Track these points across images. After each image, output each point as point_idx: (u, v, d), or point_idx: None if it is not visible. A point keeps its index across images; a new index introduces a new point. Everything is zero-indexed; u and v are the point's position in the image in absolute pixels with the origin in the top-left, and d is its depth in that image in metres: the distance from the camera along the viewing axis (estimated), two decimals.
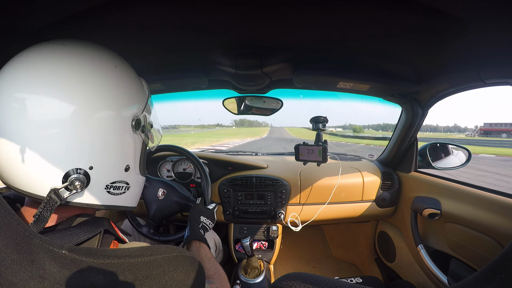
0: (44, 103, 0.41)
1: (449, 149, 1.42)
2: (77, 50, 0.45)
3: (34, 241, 0.34)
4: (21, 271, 0.32)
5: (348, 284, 0.34)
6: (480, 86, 0.92)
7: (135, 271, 0.38)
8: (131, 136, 0.51)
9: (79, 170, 0.44)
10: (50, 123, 0.41)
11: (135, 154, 0.54)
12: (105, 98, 0.45)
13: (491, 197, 0.96)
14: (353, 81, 1.06)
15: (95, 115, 0.44)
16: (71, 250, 0.36)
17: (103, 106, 0.45)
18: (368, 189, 1.47)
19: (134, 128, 0.51)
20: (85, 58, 0.45)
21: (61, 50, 0.44)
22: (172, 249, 0.45)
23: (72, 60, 0.44)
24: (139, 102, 0.53)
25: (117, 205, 0.52)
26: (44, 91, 0.41)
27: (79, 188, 0.44)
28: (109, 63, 0.48)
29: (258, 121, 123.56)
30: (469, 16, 0.61)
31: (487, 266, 0.27)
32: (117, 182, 0.50)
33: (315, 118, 1.26)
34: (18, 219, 0.35)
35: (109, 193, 0.49)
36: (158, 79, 1.12)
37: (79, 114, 0.42)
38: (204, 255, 0.84)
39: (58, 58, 0.43)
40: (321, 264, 1.96)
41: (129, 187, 0.54)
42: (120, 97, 0.48)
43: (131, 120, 0.50)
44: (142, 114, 0.53)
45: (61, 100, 0.41)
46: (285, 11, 0.67)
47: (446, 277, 1.06)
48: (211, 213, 1.02)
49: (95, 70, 0.45)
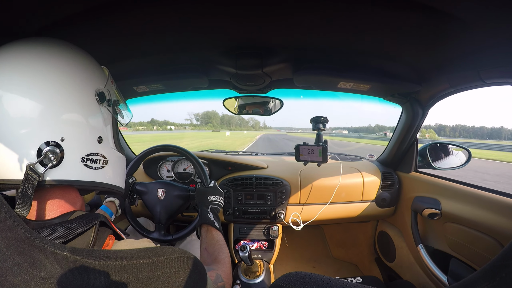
0: (4, 81, 0.42)
1: (449, 149, 1.42)
2: (37, 42, 0.48)
3: (35, 243, 0.34)
4: (22, 273, 0.32)
5: (348, 284, 0.34)
6: (480, 86, 0.92)
7: (137, 272, 0.38)
8: (97, 109, 0.52)
9: (51, 142, 0.44)
10: (14, 102, 0.42)
11: (106, 127, 0.56)
12: (67, 75, 0.47)
13: (491, 197, 0.96)
14: (353, 81, 1.06)
15: (57, 90, 0.46)
16: (72, 252, 0.36)
17: (64, 82, 0.47)
18: (368, 189, 1.47)
19: (99, 101, 0.52)
20: (46, 45, 0.48)
21: (16, 43, 0.47)
22: (174, 250, 0.45)
23: (37, 46, 0.47)
24: (101, 79, 0.55)
25: (99, 182, 0.52)
26: (6, 67, 0.43)
27: (54, 159, 0.44)
28: (66, 46, 0.51)
29: (245, 120, 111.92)
30: (469, 16, 0.61)
31: (487, 265, 0.27)
32: (93, 154, 0.51)
33: (315, 118, 1.26)
34: (19, 220, 0.35)
35: (87, 166, 0.50)
36: (158, 79, 1.13)
37: (41, 92, 0.44)
38: (210, 238, 0.84)
39: (22, 49, 0.46)
40: (321, 263, 1.96)
41: (107, 161, 0.54)
42: (80, 72, 0.50)
43: (94, 94, 0.52)
44: (105, 88, 0.54)
45: (23, 79, 0.43)
46: (286, 11, 0.67)
47: (446, 276, 1.06)
48: (214, 189, 1.02)
49: (54, 51, 0.48)
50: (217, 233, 0.87)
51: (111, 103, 0.57)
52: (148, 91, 1.24)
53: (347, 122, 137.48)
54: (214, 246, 0.82)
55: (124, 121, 0.65)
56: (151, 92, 1.28)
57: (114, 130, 0.59)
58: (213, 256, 0.78)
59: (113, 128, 0.59)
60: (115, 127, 0.60)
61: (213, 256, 0.78)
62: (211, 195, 0.99)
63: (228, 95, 1.36)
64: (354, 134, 71.57)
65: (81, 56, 0.53)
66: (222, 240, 0.85)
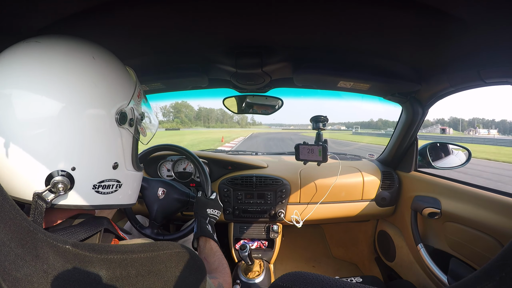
0: (16, 103, 0.39)
1: (449, 149, 1.42)
2: (50, 47, 0.43)
3: (38, 236, 0.34)
4: (25, 266, 0.32)
5: (348, 283, 0.34)
6: (480, 85, 0.92)
7: (137, 266, 0.39)
8: (115, 132, 0.48)
9: (61, 172, 0.42)
10: (23, 124, 0.40)
11: (124, 150, 0.51)
12: (82, 95, 0.43)
13: (491, 196, 0.96)
14: (353, 80, 1.06)
15: (71, 114, 0.42)
16: (75, 245, 0.36)
17: (80, 104, 0.43)
18: (368, 188, 1.47)
19: (119, 122, 0.48)
20: (59, 55, 0.43)
21: (34, 47, 0.42)
22: (174, 245, 0.45)
23: (44, 57, 0.42)
24: (124, 94, 0.50)
25: (110, 204, 0.51)
26: (17, 91, 0.40)
27: (62, 190, 0.42)
28: (86, 55, 0.45)
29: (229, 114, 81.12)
30: (469, 15, 0.61)
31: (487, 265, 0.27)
32: (106, 181, 0.48)
33: (315, 117, 1.26)
34: (23, 214, 0.35)
35: (98, 192, 0.48)
36: (158, 78, 1.12)
37: (54, 114, 0.41)
38: (209, 249, 0.85)
39: (30, 56, 0.42)
40: (321, 263, 1.96)
41: (121, 184, 0.51)
42: (99, 92, 0.45)
43: (114, 115, 0.47)
44: (128, 106, 0.50)
45: (34, 100, 0.40)
46: (286, 10, 0.67)
47: (446, 276, 1.06)
48: (215, 202, 1.02)
49: (69, 65, 0.43)
50: (215, 245, 0.87)
51: (134, 122, 0.51)
52: (148, 90, 1.24)
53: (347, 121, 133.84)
54: (214, 256, 0.82)
55: (147, 139, 0.59)
56: (151, 91, 1.28)
57: (134, 150, 0.55)
58: (213, 266, 0.78)
59: (133, 148, 0.55)
60: (135, 147, 0.55)
61: (213, 266, 0.78)
62: (210, 208, 0.98)
63: (228, 94, 1.36)
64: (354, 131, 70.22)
65: (106, 63, 0.47)
66: (220, 252, 0.85)
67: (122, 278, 0.37)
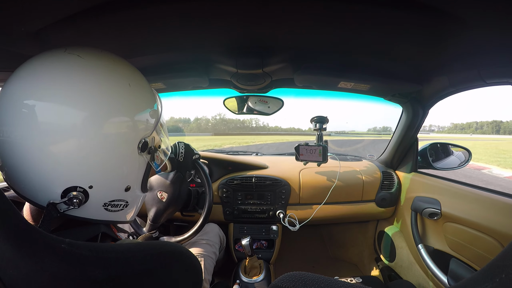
0: (53, 113, 0.40)
1: (450, 150, 1.42)
2: (94, 64, 0.45)
3: (33, 235, 0.35)
4: (21, 265, 0.33)
5: (348, 284, 0.34)
6: (481, 85, 0.92)
7: (133, 265, 0.39)
8: (135, 158, 0.51)
9: (79, 188, 0.44)
10: (56, 135, 0.41)
11: (138, 175, 0.54)
12: (113, 119, 0.45)
13: (491, 197, 0.96)
14: (354, 81, 1.06)
15: (101, 135, 0.44)
16: (70, 245, 0.36)
17: (110, 127, 0.45)
18: (368, 189, 1.47)
19: (140, 150, 0.50)
20: (99, 75, 0.44)
21: (77, 62, 0.43)
22: (170, 245, 0.46)
23: (86, 75, 0.43)
24: (150, 124, 0.52)
25: (113, 220, 0.53)
26: (55, 102, 0.41)
27: (77, 205, 0.44)
28: (123, 81, 0.47)
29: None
30: (470, 16, 0.61)
31: (487, 266, 0.27)
32: (116, 200, 0.50)
33: (316, 118, 1.26)
34: (18, 212, 0.35)
35: (107, 210, 0.50)
36: (159, 78, 1.12)
37: (86, 133, 0.42)
38: None
39: (72, 70, 0.42)
40: (321, 263, 1.96)
41: (127, 204, 0.54)
42: (129, 119, 0.47)
43: (138, 142, 0.49)
44: (151, 136, 0.52)
45: (69, 114, 0.41)
46: (287, 11, 0.67)
47: (446, 277, 1.06)
48: None
49: (108, 88, 0.44)
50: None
51: (152, 150, 0.54)
52: None
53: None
54: None
55: (157, 166, 0.62)
56: None
57: (145, 175, 0.57)
58: None
59: (145, 174, 0.57)
60: (147, 172, 0.57)
61: None
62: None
63: (228, 95, 1.36)
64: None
65: (139, 92, 0.49)
66: None
67: (117, 277, 0.37)
